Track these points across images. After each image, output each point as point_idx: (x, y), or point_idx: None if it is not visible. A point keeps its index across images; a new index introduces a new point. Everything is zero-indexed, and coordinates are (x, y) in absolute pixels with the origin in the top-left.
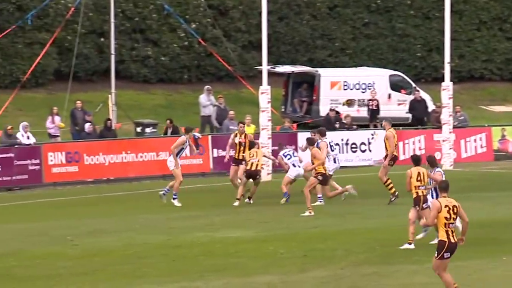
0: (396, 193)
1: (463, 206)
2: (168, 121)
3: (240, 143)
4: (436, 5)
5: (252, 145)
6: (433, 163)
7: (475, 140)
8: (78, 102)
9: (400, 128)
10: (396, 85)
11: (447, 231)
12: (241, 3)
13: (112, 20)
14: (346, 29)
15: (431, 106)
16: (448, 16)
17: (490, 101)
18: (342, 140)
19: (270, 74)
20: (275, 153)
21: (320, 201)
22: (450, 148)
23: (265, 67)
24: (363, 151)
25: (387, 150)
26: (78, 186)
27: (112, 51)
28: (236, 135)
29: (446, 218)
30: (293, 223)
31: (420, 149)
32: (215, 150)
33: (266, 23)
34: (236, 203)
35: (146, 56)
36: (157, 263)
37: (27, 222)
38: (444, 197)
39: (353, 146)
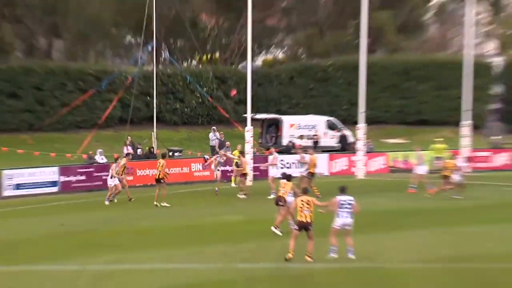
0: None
1: (374, 202)
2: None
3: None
4: (356, 76)
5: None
6: (288, 177)
7: (378, 160)
8: (129, 137)
9: (332, 152)
10: (330, 126)
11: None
12: (235, 75)
13: (154, 86)
14: (300, 92)
15: (351, 139)
16: (363, 83)
17: (387, 136)
18: (295, 160)
19: (252, 119)
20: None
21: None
22: (363, 165)
23: (249, 115)
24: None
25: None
26: (131, 189)
27: (154, 105)
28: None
29: (300, 207)
30: None
31: (343, 165)
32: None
33: (250, 88)
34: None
35: (175, 108)
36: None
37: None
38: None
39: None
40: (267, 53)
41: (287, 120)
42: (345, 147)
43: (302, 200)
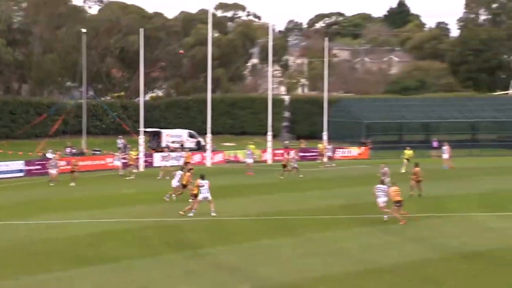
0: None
1: (220, 180)
2: None
3: None
4: (205, 106)
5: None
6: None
7: (219, 156)
8: (69, 142)
9: (192, 151)
10: (190, 135)
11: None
12: (133, 105)
13: (85, 111)
14: (172, 115)
15: (203, 143)
16: (209, 110)
17: (223, 141)
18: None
19: (144, 131)
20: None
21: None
22: (210, 158)
23: (142, 129)
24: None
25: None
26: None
27: (84, 123)
28: None
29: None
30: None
31: (199, 158)
32: None
33: (142, 112)
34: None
35: (97, 124)
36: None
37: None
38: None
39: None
40: (153, 92)
41: (164, 132)
42: (200, 148)
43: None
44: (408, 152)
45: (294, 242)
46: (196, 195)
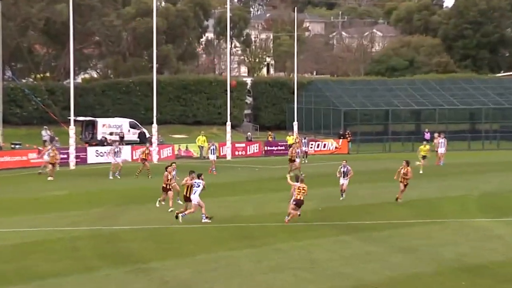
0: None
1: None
2: None
3: None
4: (150, 90)
5: None
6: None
7: (167, 150)
8: None
9: (134, 145)
10: (132, 126)
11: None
12: (61, 88)
13: (0, 96)
14: (110, 101)
15: (148, 135)
16: (155, 95)
17: (173, 133)
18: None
19: (75, 121)
20: None
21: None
22: (156, 154)
23: (72, 118)
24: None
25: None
26: None
27: (1, 110)
28: None
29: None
30: None
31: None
32: None
33: (73, 97)
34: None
35: (16, 112)
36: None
37: None
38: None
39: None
40: (85, 73)
41: (100, 121)
42: (143, 141)
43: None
44: (425, 148)
45: (258, 253)
46: (188, 198)
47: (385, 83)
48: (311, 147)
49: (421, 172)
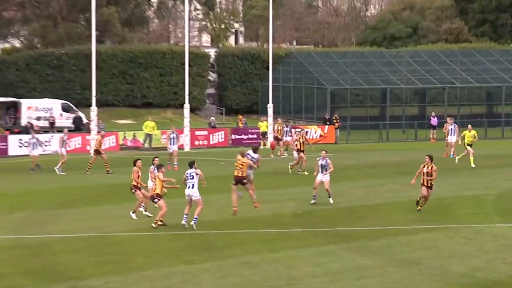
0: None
1: (107, 176)
2: None
3: None
4: (87, 63)
5: None
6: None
7: (110, 139)
8: None
9: (68, 132)
10: (65, 109)
11: None
12: None
13: None
14: (37, 77)
15: (85, 120)
16: (94, 70)
17: (117, 117)
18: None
19: None
20: None
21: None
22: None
23: None
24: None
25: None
26: None
27: None
28: None
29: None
30: None
31: (78, 143)
32: None
33: None
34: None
35: None
36: None
37: None
38: None
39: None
40: (5, 42)
41: (25, 103)
42: (79, 127)
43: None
44: (470, 134)
45: (222, 268)
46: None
47: (382, 56)
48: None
49: (473, 166)
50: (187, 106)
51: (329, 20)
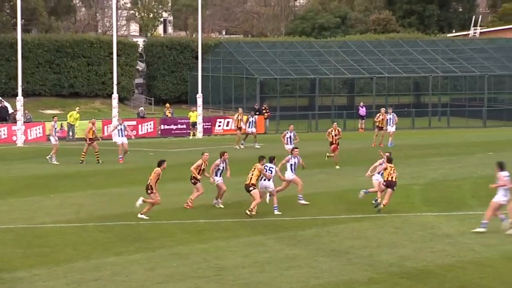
0: None
1: (32, 167)
2: None
3: None
4: (13, 53)
5: None
6: None
7: (36, 130)
8: None
9: None
10: None
11: None
12: None
13: None
14: None
15: (11, 110)
16: (19, 59)
17: (44, 107)
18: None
19: None
20: None
21: None
22: (22, 134)
23: None
24: None
25: None
26: None
27: None
28: None
29: None
30: None
31: (3, 134)
32: None
33: None
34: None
35: None
36: None
37: None
38: None
39: None
40: None
41: None
42: (5, 118)
43: None
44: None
45: (152, 259)
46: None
47: (311, 46)
48: (219, 126)
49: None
50: (115, 96)
51: (259, 10)
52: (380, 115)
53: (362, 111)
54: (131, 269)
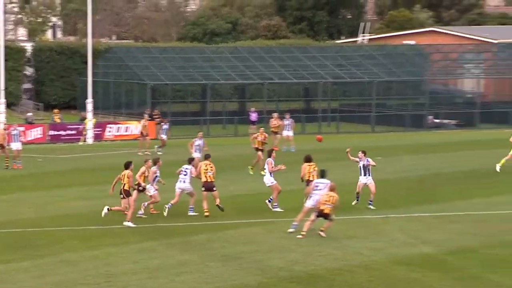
0: None
1: None
2: None
3: None
4: None
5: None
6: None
7: None
8: None
9: None
10: None
11: None
12: None
13: None
14: None
15: None
16: None
17: None
18: None
19: None
20: None
21: None
22: None
23: None
24: None
25: None
26: None
27: None
28: None
29: None
30: None
31: None
32: None
33: None
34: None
35: None
36: None
37: None
38: None
39: None
40: None
41: None
42: None
43: None
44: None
45: (41, 266)
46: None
47: (202, 51)
48: (108, 131)
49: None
50: (2, 101)
51: (149, 16)
52: (273, 119)
53: (253, 116)
54: (18, 277)
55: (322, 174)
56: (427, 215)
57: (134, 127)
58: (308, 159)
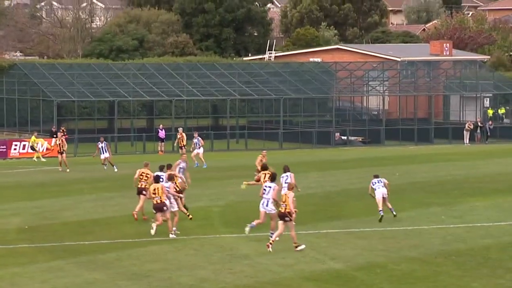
0: None
1: None
2: None
3: None
4: None
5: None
6: None
7: None
8: None
9: None
10: None
11: None
12: None
13: None
14: None
15: None
16: None
17: None
18: None
19: None
20: None
21: None
22: None
23: None
24: None
25: None
26: None
27: None
28: None
29: None
30: None
31: None
32: None
33: None
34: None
35: None
36: None
37: None
38: None
39: None
40: None
41: None
42: None
43: None
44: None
45: None
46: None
47: (109, 68)
48: (15, 149)
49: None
50: None
51: (54, 32)
52: (178, 134)
53: (162, 133)
54: None
55: (272, 178)
56: (335, 231)
57: (40, 145)
58: (264, 168)
